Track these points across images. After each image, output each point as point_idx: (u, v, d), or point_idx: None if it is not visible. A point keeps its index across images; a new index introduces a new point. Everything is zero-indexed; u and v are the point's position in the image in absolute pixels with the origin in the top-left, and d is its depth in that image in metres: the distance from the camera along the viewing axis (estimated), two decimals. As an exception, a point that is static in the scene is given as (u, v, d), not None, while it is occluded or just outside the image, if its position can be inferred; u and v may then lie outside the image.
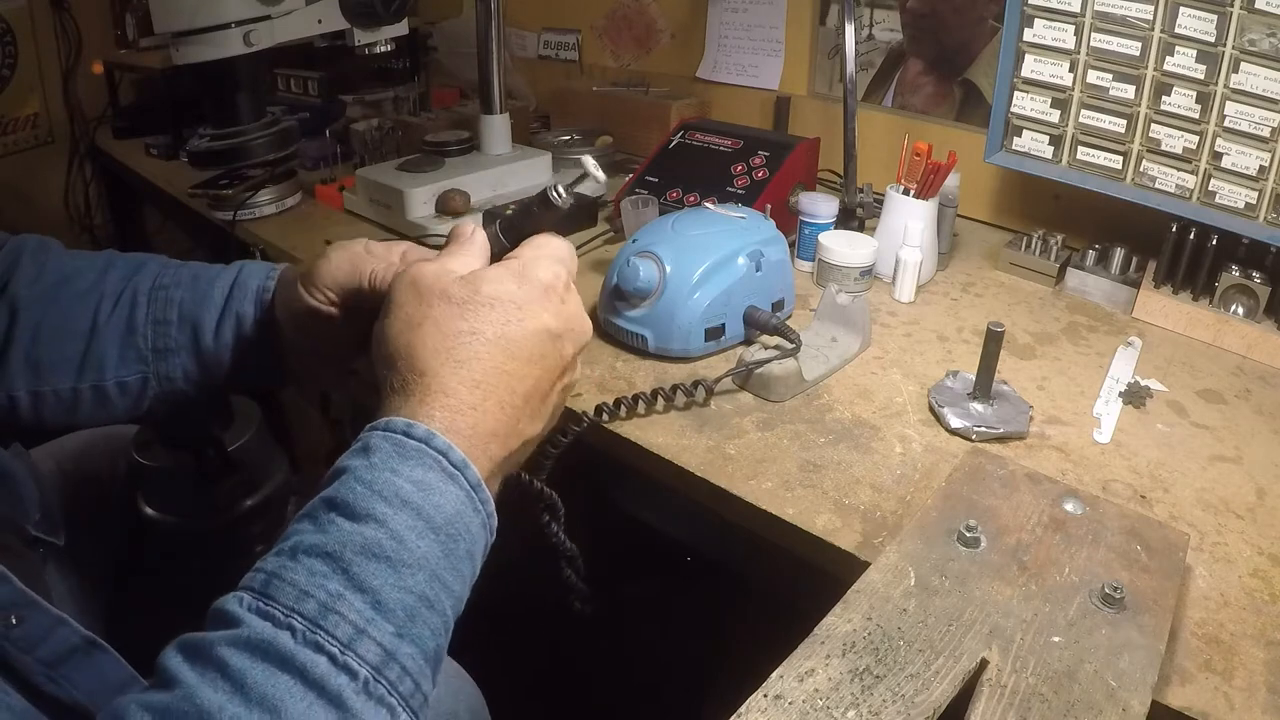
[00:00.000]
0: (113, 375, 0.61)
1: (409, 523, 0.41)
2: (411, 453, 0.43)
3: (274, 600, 0.38)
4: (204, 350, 0.62)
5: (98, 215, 2.16)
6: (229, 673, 0.36)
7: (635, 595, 1.22)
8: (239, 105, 1.06)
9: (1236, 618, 0.59)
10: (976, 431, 0.78)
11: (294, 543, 0.41)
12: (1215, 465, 0.77)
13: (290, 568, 0.39)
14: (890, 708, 0.45)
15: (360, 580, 0.39)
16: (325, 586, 0.38)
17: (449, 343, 0.46)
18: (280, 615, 0.38)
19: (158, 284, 0.62)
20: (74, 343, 0.61)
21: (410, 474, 0.42)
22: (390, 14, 1.11)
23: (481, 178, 1.29)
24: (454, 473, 0.43)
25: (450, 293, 0.47)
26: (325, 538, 0.40)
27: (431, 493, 0.42)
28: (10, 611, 0.46)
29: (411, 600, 0.40)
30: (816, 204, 1.13)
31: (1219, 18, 0.90)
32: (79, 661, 0.49)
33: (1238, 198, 0.95)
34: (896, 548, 0.57)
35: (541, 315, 0.49)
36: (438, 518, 0.42)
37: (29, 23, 1.93)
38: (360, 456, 0.43)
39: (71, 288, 0.62)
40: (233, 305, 0.62)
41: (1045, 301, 1.08)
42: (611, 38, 1.73)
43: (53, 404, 0.61)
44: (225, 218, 1.31)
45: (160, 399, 0.63)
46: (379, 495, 0.41)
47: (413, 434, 0.43)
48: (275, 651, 0.37)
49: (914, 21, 1.31)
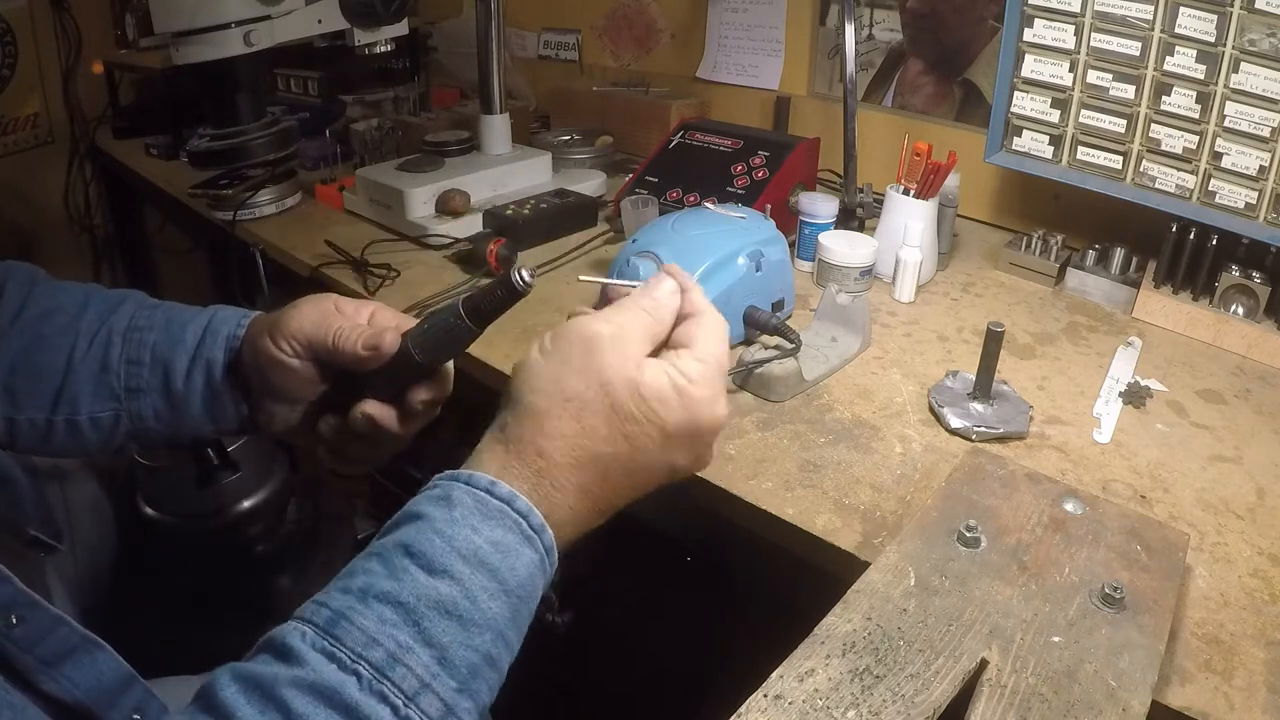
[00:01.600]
0: (86, 411, 0.62)
1: (484, 584, 0.41)
2: (494, 512, 0.43)
3: (340, 643, 0.38)
4: (174, 393, 0.62)
5: (98, 215, 2.16)
6: (291, 713, 0.36)
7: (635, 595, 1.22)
8: (239, 105, 1.06)
9: (1236, 618, 0.59)
10: (976, 431, 0.78)
11: (363, 584, 0.40)
12: (1215, 465, 0.77)
13: (360, 611, 0.39)
14: (890, 708, 0.45)
15: (430, 635, 0.39)
16: (395, 636, 0.39)
17: (583, 441, 0.45)
18: (347, 660, 0.38)
19: (133, 324, 0.63)
20: (50, 377, 0.61)
21: (490, 534, 0.42)
22: (390, 14, 1.11)
23: (481, 178, 1.29)
24: (532, 536, 0.44)
25: (616, 394, 0.45)
26: (399, 586, 0.40)
27: (509, 555, 0.42)
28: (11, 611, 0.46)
29: (477, 659, 0.40)
30: (816, 204, 1.13)
31: (1219, 18, 0.90)
32: (79, 660, 0.49)
33: (1238, 198, 0.95)
34: (896, 548, 0.57)
35: (679, 454, 0.48)
36: (511, 581, 0.42)
37: (29, 23, 1.93)
38: (441, 507, 0.43)
39: (51, 323, 0.63)
40: (203, 351, 0.62)
41: (1045, 301, 1.08)
42: (611, 38, 1.73)
43: (27, 432, 0.62)
44: (225, 218, 1.31)
45: (132, 436, 0.64)
46: (458, 553, 0.41)
47: (496, 493, 0.43)
48: (340, 699, 0.37)
49: (914, 21, 1.31)
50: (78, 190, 2.11)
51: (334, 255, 1.17)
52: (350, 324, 0.57)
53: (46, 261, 0.68)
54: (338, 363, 0.58)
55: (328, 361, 0.58)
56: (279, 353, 0.58)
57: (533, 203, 1.23)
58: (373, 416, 0.57)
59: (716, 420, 0.48)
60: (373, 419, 0.57)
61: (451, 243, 1.19)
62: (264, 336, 0.59)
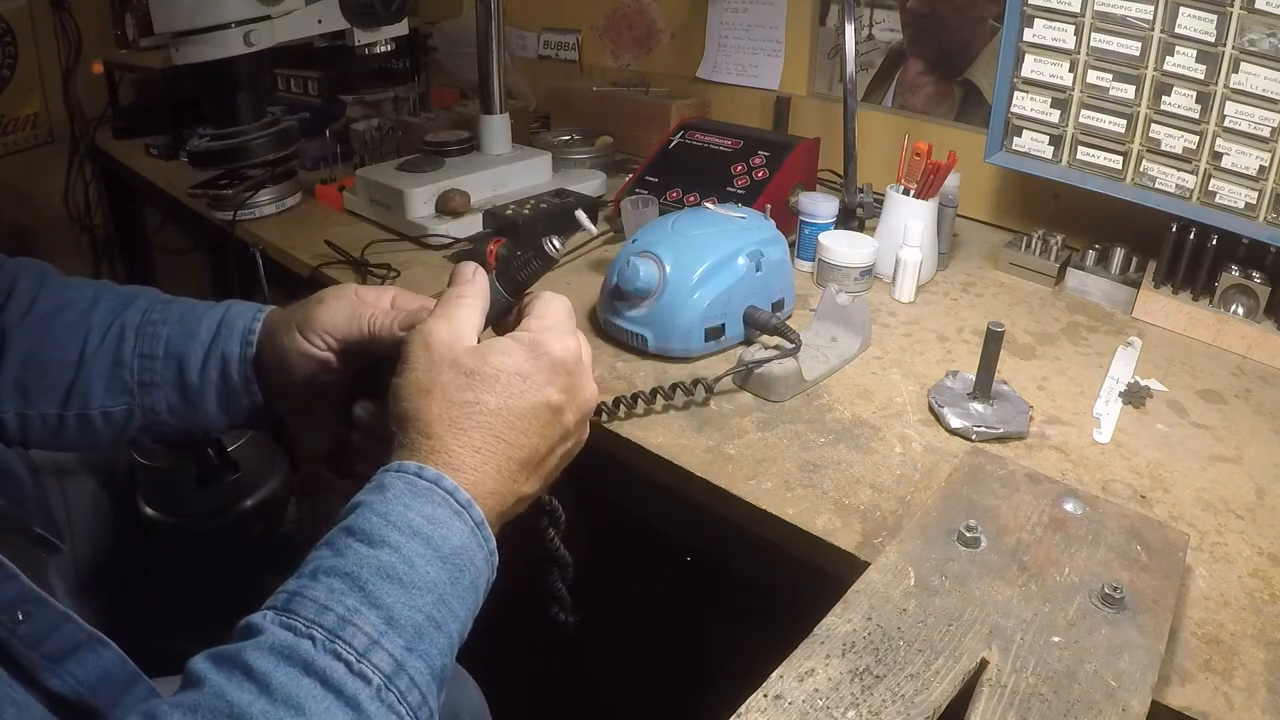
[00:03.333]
0: (98, 405, 0.62)
1: (420, 551, 0.44)
2: (423, 491, 0.46)
3: (295, 614, 0.41)
4: (188, 386, 0.63)
5: (98, 215, 2.16)
6: (255, 675, 0.39)
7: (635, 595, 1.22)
8: (239, 105, 1.06)
9: (1236, 618, 0.59)
10: (976, 431, 0.78)
11: (314, 566, 0.44)
12: (1215, 465, 0.77)
13: (310, 586, 0.42)
14: (890, 708, 0.45)
15: (375, 598, 0.42)
16: (343, 602, 0.42)
17: (454, 411, 0.49)
18: (302, 626, 0.41)
19: (146, 319, 0.64)
20: (62, 372, 0.62)
21: (421, 509, 0.46)
22: (390, 14, 1.11)
23: (481, 178, 1.29)
24: (460, 510, 0.47)
25: (460, 362, 0.50)
26: (343, 560, 0.44)
27: (440, 526, 0.46)
28: (18, 608, 0.47)
29: (420, 619, 0.43)
30: (816, 204, 1.13)
31: (1219, 18, 0.90)
32: (83, 657, 0.50)
33: (1238, 198, 0.95)
34: (896, 548, 0.57)
35: (545, 389, 0.51)
36: (445, 548, 0.45)
37: (29, 23, 1.93)
38: (376, 492, 0.46)
39: (62, 319, 0.63)
40: (218, 345, 0.63)
41: (1045, 301, 1.08)
42: (611, 38, 1.73)
43: (39, 428, 0.63)
44: (225, 218, 1.31)
45: (145, 430, 0.64)
46: (393, 525, 0.45)
47: (424, 475, 0.47)
48: (298, 656, 0.40)
49: (914, 21, 1.31)
50: (78, 190, 2.11)
51: (334, 255, 1.17)
52: (381, 310, 0.59)
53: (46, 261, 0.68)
54: (374, 350, 0.59)
55: (362, 350, 0.60)
56: (310, 347, 0.60)
57: (533, 203, 1.23)
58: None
59: (567, 350, 0.52)
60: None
61: (451, 243, 1.19)
62: (289, 332, 0.60)
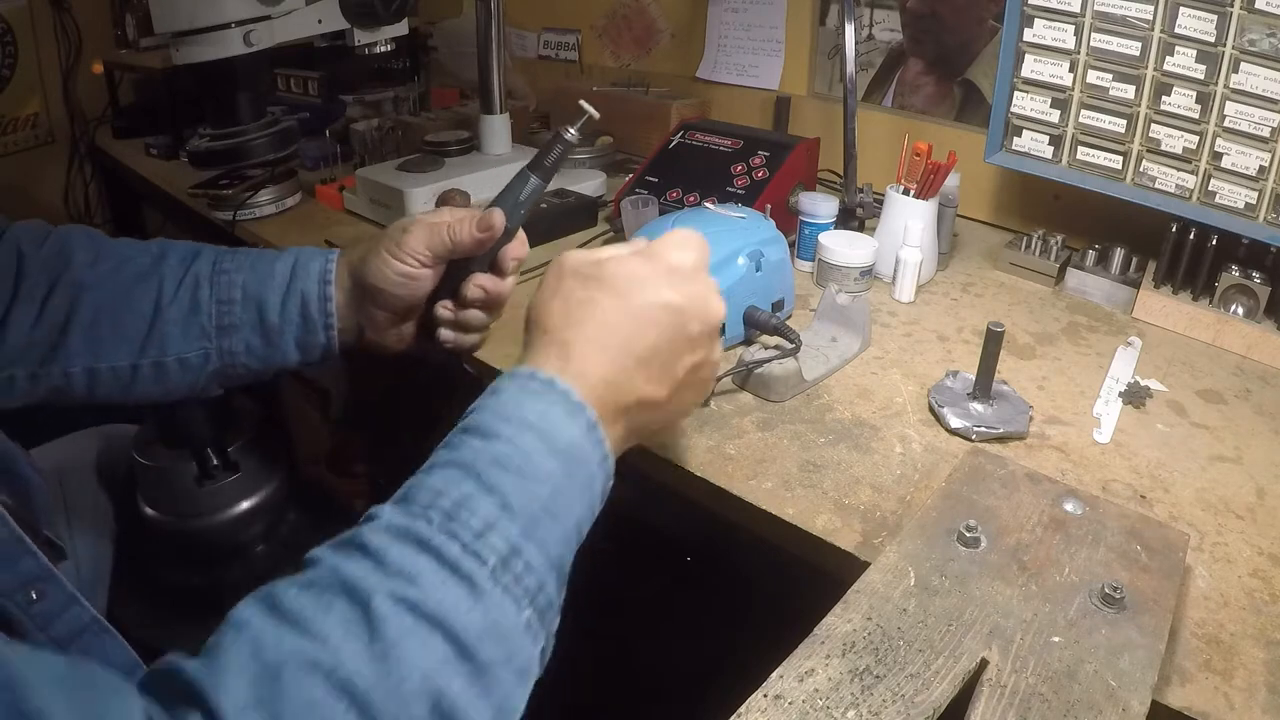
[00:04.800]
0: (175, 352, 0.66)
1: (533, 443, 0.46)
2: (536, 391, 0.48)
3: (411, 501, 0.43)
4: (269, 327, 0.68)
5: (98, 215, 2.16)
6: (369, 550, 0.40)
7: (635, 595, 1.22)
8: (239, 105, 1.06)
9: (1236, 618, 0.59)
10: (976, 431, 0.78)
11: (431, 463, 0.46)
12: (1215, 465, 0.77)
13: (427, 478, 0.44)
14: (890, 708, 0.45)
15: (490, 485, 0.43)
16: (459, 488, 0.43)
17: (570, 308, 0.52)
18: (418, 510, 0.42)
19: (218, 268, 0.68)
20: (137, 322, 0.66)
21: (534, 406, 0.47)
22: (390, 14, 1.11)
23: (481, 178, 1.29)
24: (573, 409, 0.48)
25: (580, 270, 0.53)
26: (458, 454, 0.45)
27: (553, 423, 0.47)
28: (32, 586, 0.48)
29: (536, 508, 0.44)
30: (816, 204, 1.13)
31: (1219, 18, 0.90)
32: (88, 642, 0.51)
33: (1238, 198, 0.95)
34: (896, 548, 0.57)
35: (662, 289, 0.52)
36: (560, 442, 0.47)
37: (29, 23, 1.93)
38: (490, 395, 0.49)
39: (131, 269, 0.67)
40: (296, 285, 0.68)
41: (1045, 301, 1.08)
42: (611, 38, 1.73)
43: (108, 380, 0.66)
44: (225, 218, 1.31)
45: (216, 374, 0.69)
46: (506, 419, 0.46)
47: (537, 377, 0.49)
48: (412, 534, 0.41)
49: (914, 21, 1.31)
50: (78, 190, 2.11)
51: (334, 255, 1.17)
52: (455, 219, 0.66)
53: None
54: (458, 253, 0.67)
55: (446, 257, 0.68)
56: (405, 265, 0.67)
57: None
58: (484, 286, 0.68)
59: (684, 259, 0.55)
60: (484, 288, 0.68)
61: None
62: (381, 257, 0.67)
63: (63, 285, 0.65)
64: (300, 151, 1.48)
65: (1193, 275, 1.00)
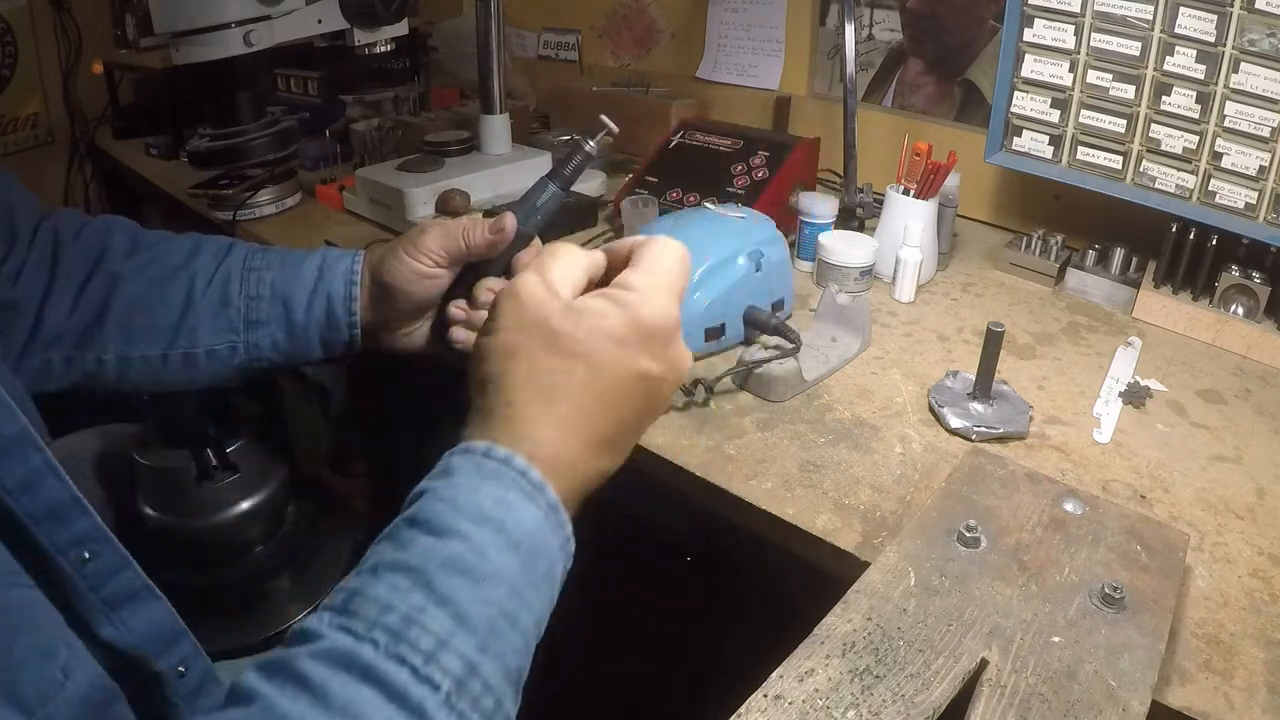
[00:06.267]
0: (204, 344, 0.68)
1: (489, 538, 0.41)
2: (491, 472, 0.43)
3: (355, 615, 0.38)
4: (294, 324, 0.70)
5: (98, 215, 2.16)
6: (309, 684, 0.36)
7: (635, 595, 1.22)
8: (239, 105, 1.06)
9: (1236, 618, 0.59)
10: (976, 431, 0.78)
11: (374, 562, 0.41)
12: (1215, 465, 0.77)
13: (371, 584, 0.39)
14: (890, 708, 0.45)
15: (443, 594, 0.39)
16: (408, 599, 0.38)
17: (540, 378, 0.45)
18: (362, 629, 0.37)
19: (248, 264, 0.70)
20: (169, 313, 0.68)
21: (491, 491, 0.42)
22: (390, 14, 1.11)
23: (481, 178, 1.29)
24: (532, 492, 0.43)
25: (551, 324, 0.46)
26: (407, 554, 0.40)
27: (511, 509, 0.42)
28: (85, 546, 0.47)
29: (493, 614, 0.40)
30: (816, 204, 1.13)
31: (1219, 18, 0.90)
32: (137, 606, 0.50)
33: (1238, 198, 0.95)
34: (896, 548, 0.57)
35: (640, 359, 0.47)
36: (517, 533, 0.42)
37: (29, 23, 1.93)
38: (441, 478, 0.43)
39: (166, 262, 0.69)
40: (323, 285, 0.70)
41: (1045, 301, 1.08)
42: (611, 38, 1.73)
43: (139, 368, 0.68)
44: (225, 218, 1.31)
45: (242, 367, 0.70)
46: (460, 512, 0.41)
47: (493, 455, 0.44)
48: (357, 663, 0.36)
49: (914, 21, 1.31)
50: (78, 190, 2.11)
51: (334, 255, 1.17)
52: (470, 222, 0.67)
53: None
54: (472, 255, 0.67)
55: (461, 259, 0.68)
56: (424, 266, 0.67)
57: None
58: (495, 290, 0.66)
59: (666, 314, 0.47)
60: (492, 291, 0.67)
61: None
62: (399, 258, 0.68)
63: (99, 275, 0.67)
64: (300, 151, 1.48)
65: (1193, 275, 1.00)
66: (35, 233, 0.68)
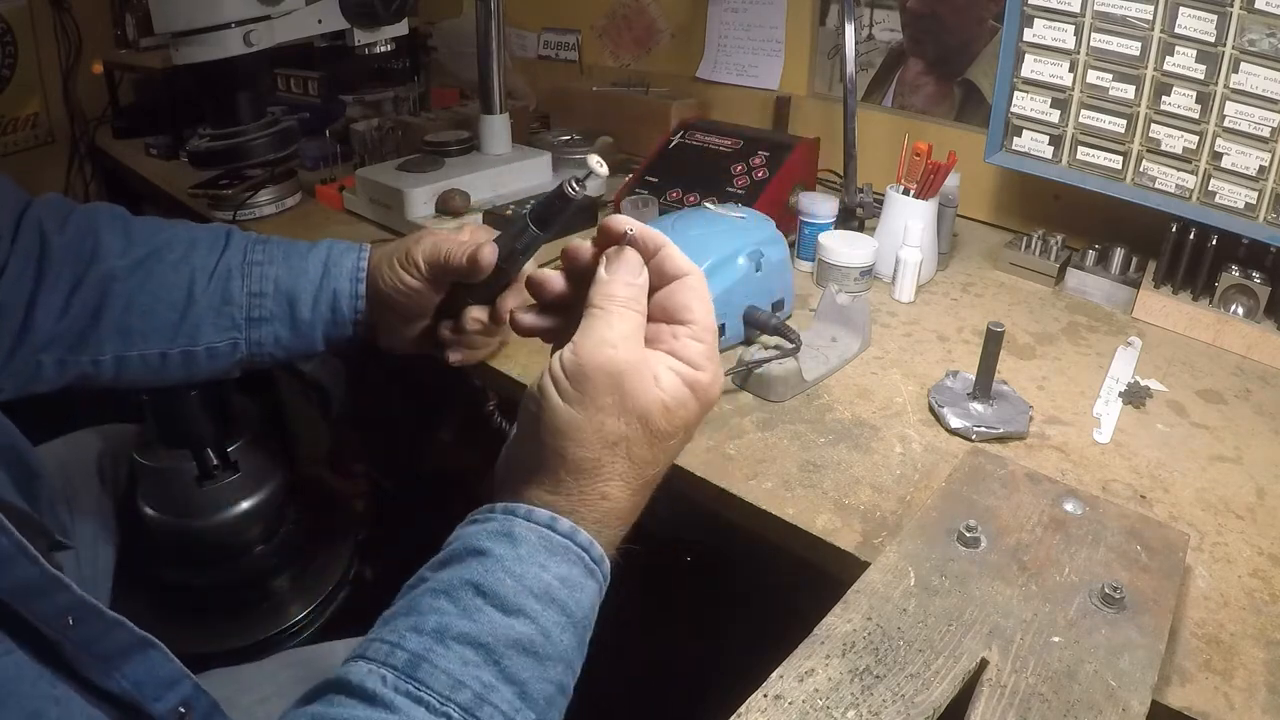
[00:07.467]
0: (205, 341, 0.68)
1: (555, 619, 0.43)
2: (558, 549, 0.45)
3: (426, 686, 0.39)
4: (299, 321, 0.69)
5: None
6: None
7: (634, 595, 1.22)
8: (239, 105, 1.06)
9: (1236, 618, 0.59)
10: (976, 431, 0.78)
11: (437, 624, 0.41)
12: (1215, 465, 0.77)
13: (440, 653, 0.40)
14: (890, 708, 0.45)
15: (511, 673, 0.41)
16: (479, 677, 0.40)
17: (639, 472, 0.47)
18: (435, 703, 0.39)
19: (249, 260, 0.69)
20: (169, 312, 0.67)
21: (557, 570, 0.44)
22: (390, 14, 1.11)
23: (481, 178, 1.29)
24: (594, 568, 0.46)
25: (655, 424, 0.46)
26: (476, 627, 0.42)
27: (575, 590, 0.45)
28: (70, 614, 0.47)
29: (552, 690, 0.43)
30: (816, 204, 1.13)
31: (1219, 18, 0.90)
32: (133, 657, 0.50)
33: (1238, 198, 0.95)
34: (896, 548, 0.57)
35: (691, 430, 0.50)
36: (578, 613, 0.45)
37: (29, 23, 1.93)
38: (505, 544, 0.44)
39: (163, 260, 0.68)
40: (328, 282, 0.70)
41: (1045, 301, 1.08)
42: (611, 38, 1.73)
43: (138, 367, 0.67)
44: (225, 218, 1.31)
45: (242, 362, 0.70)
46: (530, 591, 0.43)
47: (557, 529, 0.45)
48: None
49: (914, 21, 1.31)
50: (78, 190, 2.11)
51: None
52: (456, 243, 0.67)
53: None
54: (450, 276, 0.68)
55: (441, 276, 0.68)
56: (409, 277, 0.68)
57: (533, 203, 1.23)
58: (477, 319, 0.69)
59: (718, 395, 0.51)
60: (478, 320, 0.69)
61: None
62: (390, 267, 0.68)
63: (92, 275, 0.65)
64: (300, 151, 1.48)
65: (1193, 275, 1.00)
66: (18, 226, 0.65)
